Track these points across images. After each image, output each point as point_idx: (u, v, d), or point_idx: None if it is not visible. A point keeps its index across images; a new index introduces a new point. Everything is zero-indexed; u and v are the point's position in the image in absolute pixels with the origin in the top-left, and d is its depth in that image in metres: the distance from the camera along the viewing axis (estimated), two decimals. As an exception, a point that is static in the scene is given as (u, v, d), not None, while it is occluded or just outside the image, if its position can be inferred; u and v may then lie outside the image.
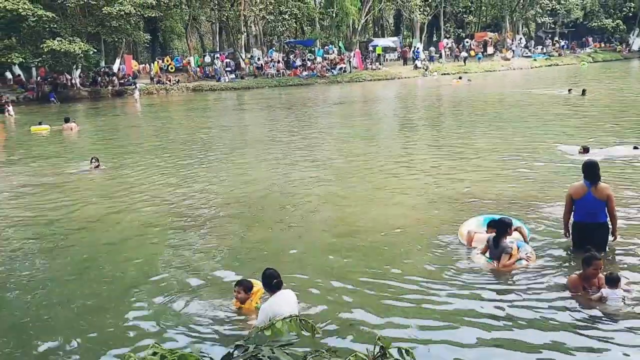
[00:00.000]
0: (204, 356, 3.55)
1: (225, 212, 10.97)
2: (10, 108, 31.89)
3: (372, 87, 43.69)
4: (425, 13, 61.88)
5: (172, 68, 52.75)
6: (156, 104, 38.47)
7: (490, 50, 60.58)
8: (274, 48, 59.01)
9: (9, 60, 40.23)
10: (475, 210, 9.88)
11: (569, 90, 29.50)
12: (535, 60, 57.76)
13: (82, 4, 40.34)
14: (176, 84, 47.13)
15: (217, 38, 61.54)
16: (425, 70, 51.40)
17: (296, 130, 22.28)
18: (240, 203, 11.57)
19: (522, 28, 69.90)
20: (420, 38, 62.47)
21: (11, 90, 42.91)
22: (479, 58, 56.76)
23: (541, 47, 63.51)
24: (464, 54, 57.59)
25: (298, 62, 52.98)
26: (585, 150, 13.98)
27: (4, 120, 30.36)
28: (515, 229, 8.15)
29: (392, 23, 78.14)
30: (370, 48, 58.12)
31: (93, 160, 15.42)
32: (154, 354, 3.09)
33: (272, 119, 26.76)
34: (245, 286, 6.52)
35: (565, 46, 64.63)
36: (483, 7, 71.16)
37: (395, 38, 66.44)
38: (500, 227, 7.73)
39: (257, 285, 6.56)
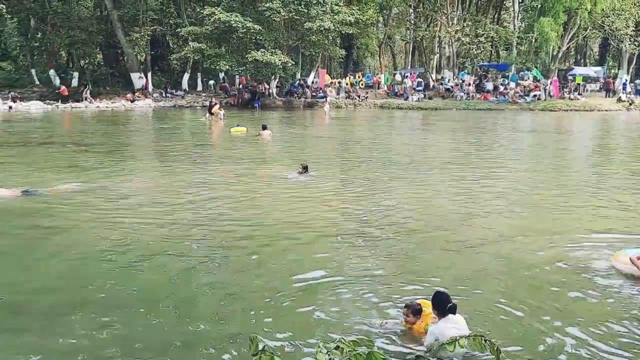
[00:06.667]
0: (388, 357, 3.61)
1: (401, 230, 10.98)
2: (222, 112, 34.61)
3: (567, 118, 41.26)
4: (637, 43, 57.18)
5: (362, 84, 54.23)
6: (344, 117, 39.70)
7: None
8: (465, 70, 58.16)
9: (217, 67, 44.06)
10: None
11: None
12: None
13: (286, 18, 42.87)
14: (365, 100, 48.24)
15: (410, 57, 62.10)
16: (630, 104, 47.45)
17: (480, 155, 21.74)
18: (416, 222, 11.53)
19: None
20: (628, 69, 57.86)
21: (215, 95, 47.04)
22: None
23: None
24: None
25: (490, 86, 51.60)
26: None
27: (213, 122, 33.27)
28: None
29: (597, 52, 73.27)
30: (570, 77, 54.98)
31: (301, 168, 16.08)
32: (337, 347, 3.23)
33: (457, 141, 26.37)
34: (413, 309, 6.47)
35: None
36: None
37: (598, 68, 62.17)
38: None
39: (427, 307, 6.48)
